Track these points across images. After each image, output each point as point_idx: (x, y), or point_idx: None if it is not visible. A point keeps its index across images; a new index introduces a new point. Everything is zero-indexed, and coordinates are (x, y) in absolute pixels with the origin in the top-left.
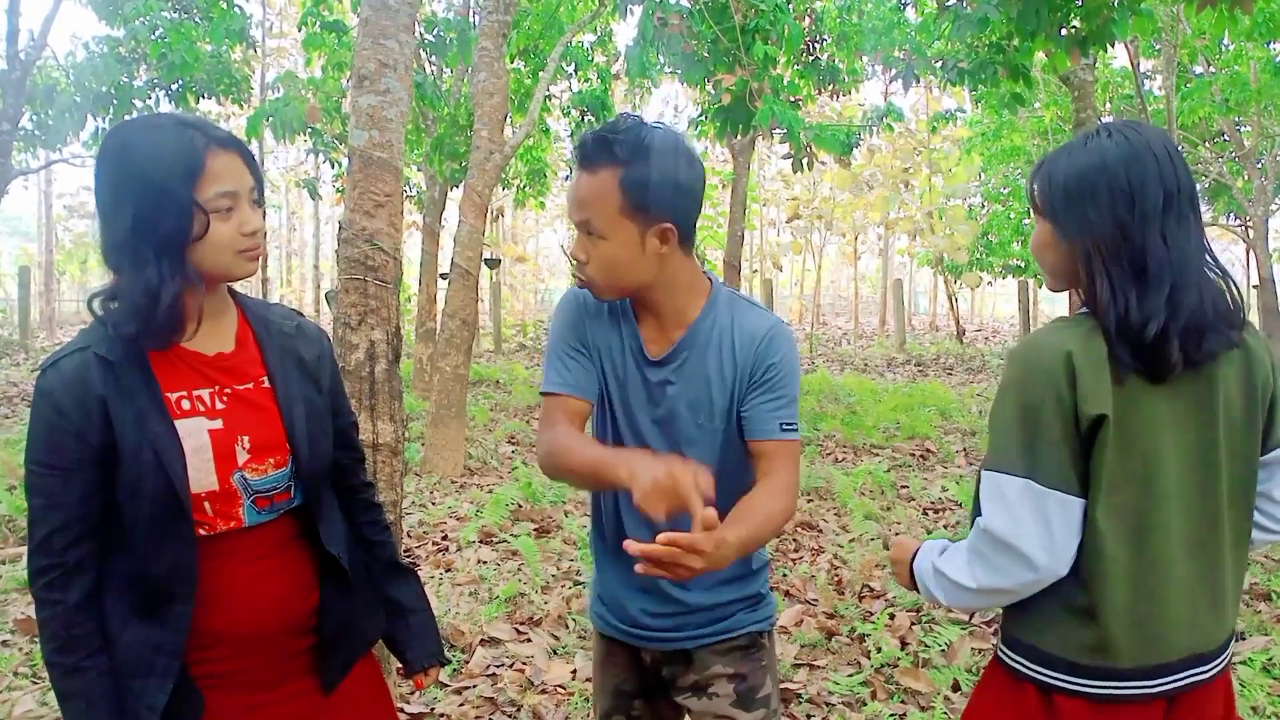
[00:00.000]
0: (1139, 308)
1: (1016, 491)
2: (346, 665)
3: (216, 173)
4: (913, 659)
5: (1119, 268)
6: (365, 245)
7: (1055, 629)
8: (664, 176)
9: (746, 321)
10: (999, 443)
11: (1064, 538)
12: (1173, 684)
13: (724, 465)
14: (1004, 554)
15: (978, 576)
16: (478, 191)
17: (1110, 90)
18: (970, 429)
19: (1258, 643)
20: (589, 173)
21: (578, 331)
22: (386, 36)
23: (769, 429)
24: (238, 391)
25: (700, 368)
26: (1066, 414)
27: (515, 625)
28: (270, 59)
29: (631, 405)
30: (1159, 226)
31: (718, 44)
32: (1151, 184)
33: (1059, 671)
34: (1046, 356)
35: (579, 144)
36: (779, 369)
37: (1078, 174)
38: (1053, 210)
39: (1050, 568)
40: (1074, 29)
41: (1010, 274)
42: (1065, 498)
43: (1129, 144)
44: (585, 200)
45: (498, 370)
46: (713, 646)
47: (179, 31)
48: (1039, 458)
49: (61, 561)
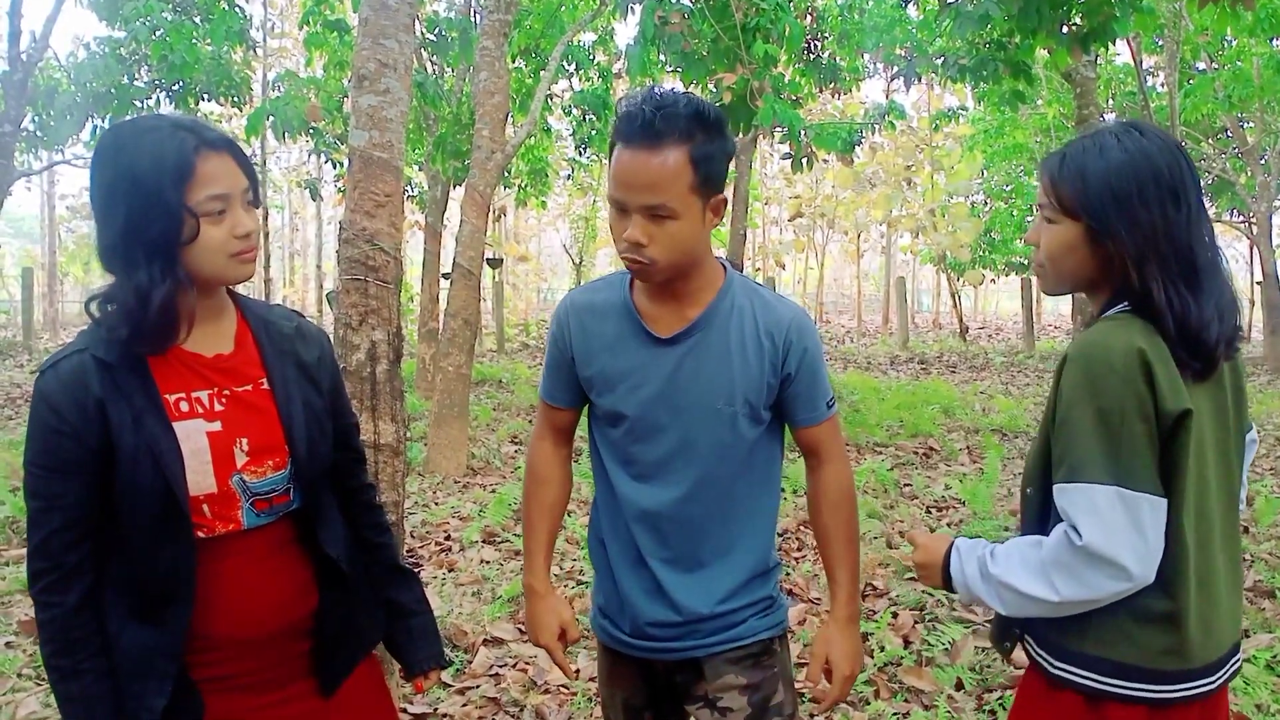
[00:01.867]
0: (1198, 311)
1: (1108, 501)
2: (346, 668)
3: (207, 176)
4: (916, 658)
5: (1172, 268)
6: (366, 245)
7: (1127, 636)
8: (721, 148)
9: (770, 309)
10: (1079, 453)
11: (1156, 543)
12: (1221, 679)
13: (731, 457)
14: (1097, 568)
15: (1061, 590)
16: (480, 191)
17: (1113, 87)
18: (973, 427)
19: (1262, 640)
20: (653, 151)
21: (559, 344)
22: (386, 36)
23: (817, 412)
24: (236, 393)
25: (721, 345)
26: (1148, 413)
27: (518, 625)
28: (272, 59)
29: (641, 393)
30: (1199, 223)
31: (718, 43)
32: (1191, 182)
33: (1132, 680)
34: (1119, 357)
35: (638, 120)
36: (812, 353)
37: (1118, 171)
38: (1091, 210)
39: (1143, 576)
40: (1075, 26)
41: (1013, 271)
42: (1156, 500)
43: (1162, 141)
44: (656, 182)
45: (500, 370)
46: (724, 655)
47: (179, 32)
48: (1125, 462)
49: (60, 564)
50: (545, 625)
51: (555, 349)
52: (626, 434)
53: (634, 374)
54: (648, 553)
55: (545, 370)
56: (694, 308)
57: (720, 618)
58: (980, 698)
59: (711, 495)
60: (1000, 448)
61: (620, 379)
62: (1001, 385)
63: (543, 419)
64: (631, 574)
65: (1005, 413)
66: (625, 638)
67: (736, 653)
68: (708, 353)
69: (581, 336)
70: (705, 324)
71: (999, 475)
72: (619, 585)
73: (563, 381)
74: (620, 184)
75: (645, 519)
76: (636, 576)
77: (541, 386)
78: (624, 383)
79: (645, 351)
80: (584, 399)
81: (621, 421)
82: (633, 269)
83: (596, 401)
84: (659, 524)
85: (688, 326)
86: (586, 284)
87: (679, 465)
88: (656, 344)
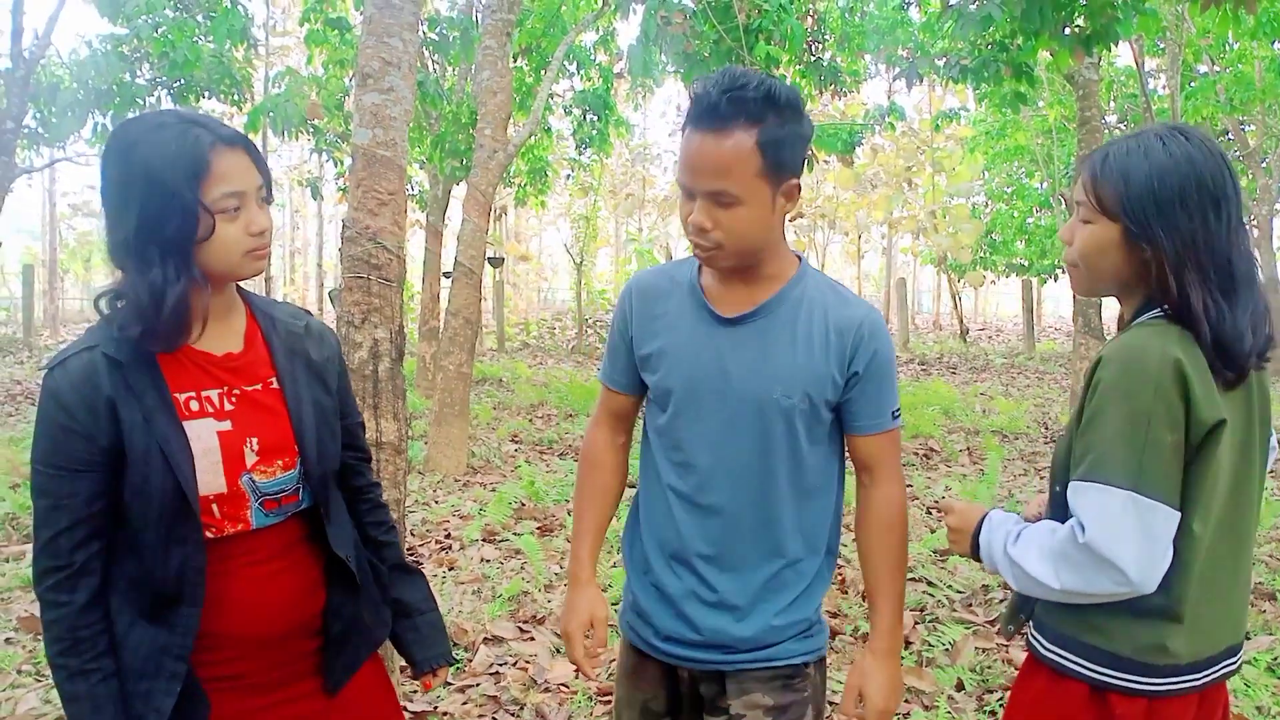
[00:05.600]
0: (1233, 320)
1: (1120, 505)
2: (352, 667)
3: (222, 173)
4: (916, 658)
5: (1209, 276)
6: (369, 243)
7: (1119, 628)
8: (795, 132)
9: (844, 304)
10: (1102, 452)
11: (1162, 553)
12: (1213, 676)
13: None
14: (1097, 567)
15: (1063, 580)
16: (481, 190)
17: (1115, 89)
18: (974, 428)
19: (1262, 642)
20: (719, 135)
21: (620, 324)
22: (390, 34)
23: (881, 419)
24: (246, 393)
25: (786, 333)
26: (1177, 423)
27: (518, 624)
28: (274, 57)
29: (691, 368)
30: (1239, 235)
31: (720, 43)
32: (1232, 190)
33: (1120, 670)
34: (1155, 364)
35: (704, 103)
36: (883, 356)
37: (1161, 175)
38: (1131, 213)
39: (1143, 584)
40: (1078, 28)
41: (1014, 273)
42: (1170, 511)
43: (1208, 148)
44: (720, 167)
45: (501, 369)
46: (754, 673)
47: (181, 29)
48: (1146, 469)
49: (68, 563)
50: (576, 612)
51: (616, 329)
52: (674, 415)
53: (687, 348)
54: (689, 549)
55: (606, 353)
56: (762, 293)
57: (758, 636)
58: (981, 698)
59: (756, 491)
60: (1000, 449)
61: (675, 353)
62: (1002, 387)
63: (601, 403)
64: (668, 572)
65: (1005, 414)
66: (656, 643)
67: (768, 672)
68: (771, 338)
69: (642, 314)
70: (771, 310)
71: (999, 477)
72: (655, 583)
73: (621, 364)
74: (685, 168)
75: (687, 511)
76: (673, 574)
77: (602, 369)
78: (676, 356)
79: (704, 328)
80: (643, 385)
81: (669, 401)
82: (699, 254)
83: (650, 381)
84: (700, 516)
85: (753, 310)
86: (654, 266)
87: (726, 454)
88: (718, 322)
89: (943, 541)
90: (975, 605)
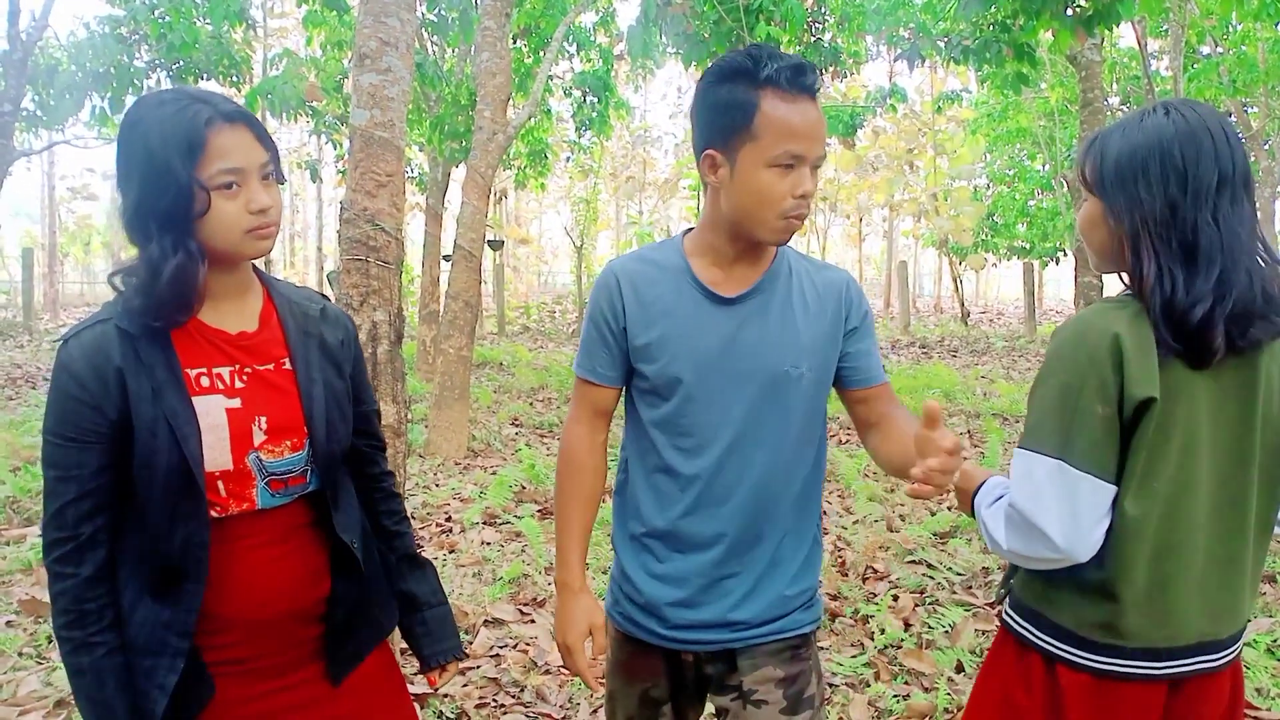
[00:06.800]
0: (1185, 290)
1: (1046, 472)
2: (357, 656)
3: (220, 149)
4: (916, 640)
5: (1167, 248)
6: (367, 225)
7: (1067, 602)
8: None
9: (821, 269)
10: (1035, 421)
11: (1090, 524)
12: (1177, 669)
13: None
14: (1028, 531)
15: (1010, 541)
16: (480, 172)
17: (1117, 71)
18: (974, 411)
19: (1263, 625)
20: (815, 102)
21: (607, 314)
22: (388, 14)
23: (877, 373)
24: (258, 371)
25: (784, 305)
26: (1109, 397)
27: (519, 606)
28: (272, 39)
29: (701, 355)
30: (1211, 207)
31: (720, 24)
32: (1206, 163)
33: (1065, 643)
34: (1092, 338)
35: (806, 70)
36: (869, 315)
37: (1130, 150)
38: (1103, 187)
39: (1071, 552)
40: (1080, 8)
41: (1015, 256)
42: (1098, 483)
43: (1185, 122)
44: (823, 132)
45: (501, 352)
46: (764, 647)
47: (179, 11)
48: (1074, 440)
49: (75, 534)
50: (574, 623)
51: (601, 320)
52: (684, 402)
53: (694, 335)
54: (699, 533)
55: (585, 345)
56: (754, 271)
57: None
58: None
59: (773, 466)
60: (1001, 432)
61: (679, 340)
62: (1003, 369)
63: (581, 400)
64: (675, 560)
65: (1006, 397)
66: (657, 630)
67: (776, 645)
68: (772, 313)
69: (637, 302)
70: (768, 285)
71: (999, 459)
72: (659, 573)
73: (608, 355)
74: (803, 137)
75: (698, 496)
76: (682, 561)
77: (579, 364)
78: (683, 344)
79: (706, 312)
80: (627, 375)
81: (676, 389)
82: (792, 226)
83: (649, 371)
84: (713, 499)
85: (751, 288)
86: (630, 252)
87: (744, 434)
88: (719, 304)
89: (943, 525)
90: (975, 587)
